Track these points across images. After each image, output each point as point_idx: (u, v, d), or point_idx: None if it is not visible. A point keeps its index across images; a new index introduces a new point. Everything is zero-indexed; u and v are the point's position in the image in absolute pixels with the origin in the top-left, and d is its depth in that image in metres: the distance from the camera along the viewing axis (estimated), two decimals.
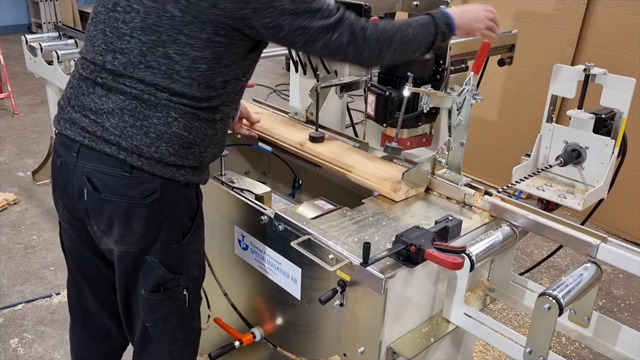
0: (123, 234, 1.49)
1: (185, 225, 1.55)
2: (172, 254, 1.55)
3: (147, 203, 1.45)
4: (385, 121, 1.76)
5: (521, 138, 4.05)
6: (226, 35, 1.38)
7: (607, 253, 1.40)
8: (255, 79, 2.63)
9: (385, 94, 1.72)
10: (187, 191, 1.53)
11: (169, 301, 1.61)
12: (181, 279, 1.60)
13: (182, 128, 1.43)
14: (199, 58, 1.38)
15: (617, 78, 1.62)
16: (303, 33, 1.42)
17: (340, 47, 1.46)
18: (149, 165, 1.42)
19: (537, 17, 3.89)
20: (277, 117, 2.26)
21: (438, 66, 1.78)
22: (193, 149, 1.47)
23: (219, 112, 1.49)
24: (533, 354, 1.33)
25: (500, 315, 2.87)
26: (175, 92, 1.40)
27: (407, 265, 1.37)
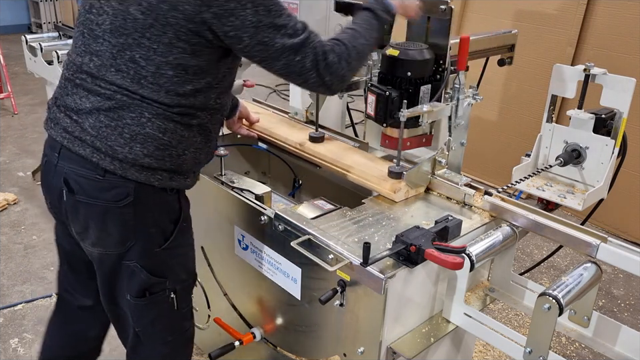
0: (100, 236, 1.49)
1: (165, 229, 1.53)
2: (154, 258, 1.53)
3: (121, 206, 1.44)
4: (385, 121, 1.76)
5: (520, 138, 4.05)
6: (189, 41, 1.35)
7: (607, 253, 1.40)
8: (255, 79, 2.63)
9: (384, 94, 1.72)
10: (165, 196, 1.50)
11: (156, 305, 1.59)
12: (167, 282, 1.58)
13: (156, 129, 1.41)
14: (163, 63, 1.36)
15: (617, 78, 1.62)
16: (264, 49, 1.38)
17: (302, 70, 1.43)
18: (121, 169, 1.41)
19: (537, 17, 3.89)
20: (276, 117, 2.26)
21: (438, 66, 1.78)
22: (169, 151, 1.44)
23: (195, 117, 1.46)
24: (533, 354, 1.33)
25: (500, 314, 2.87)
26: (145, 97, 1.39)
27: (407, 265, 1.37)
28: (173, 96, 1.39)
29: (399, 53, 1.72)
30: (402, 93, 1.72)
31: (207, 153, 1.58)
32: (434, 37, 1.78)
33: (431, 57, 1.75)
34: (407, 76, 1.72)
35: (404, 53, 1.72)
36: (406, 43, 1.78)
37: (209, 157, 1.60)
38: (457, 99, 1.67)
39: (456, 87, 1.67)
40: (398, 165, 1.73)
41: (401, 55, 1.72)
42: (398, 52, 1.72)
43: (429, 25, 1.79)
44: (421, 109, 1.65)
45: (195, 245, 2.04)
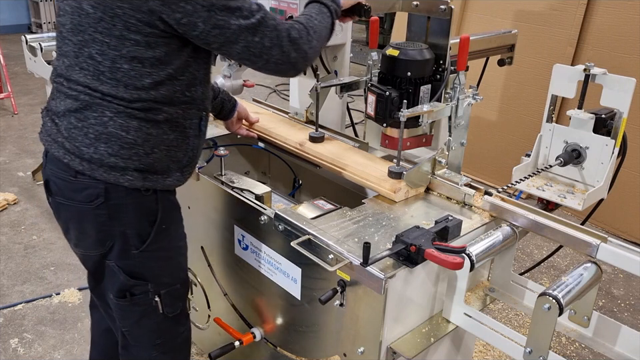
0: (79, 237, 1.52)
1: (142, 232, 1.51)
2: (132, 260, 1.52)
3: (93, 207, 1.44)
4: (385, 121, 1.76)
5: (521, 138, 4.05)
6: (140, 32, 1.33)
7: (607, 252, 1.40)
8: (255, 79, 2.63)
9: (385, 94, 1.72)
10: (139, 197, 1.47)
11: (138, 307, 1.59)
12: (149, 285, 1.56)
13: (118, 127, 1.39)
14: (118, 57, 1.35)
15: (617, 78, 1.62)
16: (220, 32, 1.35)
17: (262, 51, 1.40)
18: (90, 170, 1.41)
19: (537, 17, 3.89)
20: (277, 117, 2.26)
21: (438, 66, 1.78)
22: (135, 150, 1.42)
23: (161, 113, 1.43)
24: (533, 354, 1.33)
25: (500, 314, 2.87)
26: (104, 93, 1.38)
27: (407, 265, 1.37)
28: (132, 90, 1.38)
29: (398, 53, 1.72)
30: (402, 93, 1.73)
31: (187, 151, 1.54)
32: (434, 37, 1.78)
33: (430, 57, 1.75)
34: (406, 76, 1.72)
35: (404, 52, 1.72)
36: (406, 43, 1.78)
37: (191, 155, 1.55)
38: (457, 99, 1.67)
39: (456, 86, 1.67)
40: (398, 165, 1.73)
41: (400, 54, 1.72)
42: (398, 52, 1.73)
43: (428, 25, 1.79)
44: (421, 109, 1.65)
45: (195, 245, 2.05)
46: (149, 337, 1.66)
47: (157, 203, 1.51)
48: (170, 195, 1.57)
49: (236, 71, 2.65)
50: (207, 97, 1.55)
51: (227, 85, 2.66)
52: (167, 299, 1.62)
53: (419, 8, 1.77)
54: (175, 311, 1.66)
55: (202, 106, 1.54)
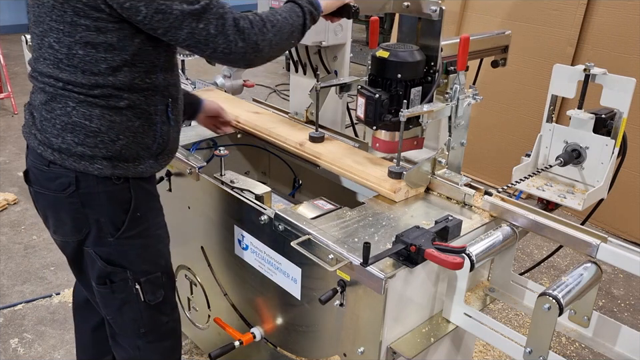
0: (57, 225, 1.57)
1: (116, 219, 1.54)
2: (108, 247, 1.56)
3: (66, 196, 1.49)
4: (375, 124, 1.73)
5: (520, 138, 4.05)
6: (89, 17, 1.35)
7: (607, 252, 1.40)
8: (255, 79, 2.63)
9: (374, 96, 1.69)
10: (110, 185, 1.50)
11: (119, 294, 1.62)
12: (128, 272, 1.60)
13: (81, 116, 1.43)
14: (72, 43, 1.38)
15: (617, 78, 1.62)
16: (163, 18, 1.34)
17: (207, 38, 1.38)
18: (60, 159, 1.46)
19: (537, 17, 3.89)
20: (277, 117, 2.26)
21: (429, 67, 1.75)
22: (100, 138, 1.45)
23: (122, 99, 1.44)
24: (533, 354, 1.33)
25: (500, 314, 2.87)
26: (64, 80, 1.42)
27: (407, 265, 1.37)
28: (90, 76, 1.40)
29: (389, 55, 1.70)
30: (392, 95, 1.70)
31: (156, 137, 1.55)
32: (425, 38, 1.76)
33: (421, 59, 1.73)
34: (397, 78, 1.69)
35: (394, 54, 1.69)
36: (396, 44, 1.76)
37: (160, 142, 1.56)
38: (457, 99, 1.67)
39: (456, 86, 1.67)
40: (398, 165, 1.73)
41: (390, 56, 1.69)
42: (388, 53, 1.70)
43: (419, 26, 1.76)
44: (420, 109, 1.64)
45: (195, 245, 2.05)
46: (133, 325, 1.69)
47: (130, 191, 1.54)
48: (145, 183, 1.59)
49: (236, 71, 2.66)
50: (172, 83, 1.56)
51: (226, 84, 2.66)
52: (148, 287, 1.65)
53: (409, 9, 1.74)
54: (156, 299, 1.68)
55: (166, 92, 1.54)
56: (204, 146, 2.16)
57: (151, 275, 1.65)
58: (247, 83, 2.70)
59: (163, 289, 1.69)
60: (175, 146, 1.65)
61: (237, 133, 2.23)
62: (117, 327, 1.71)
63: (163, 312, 1.73)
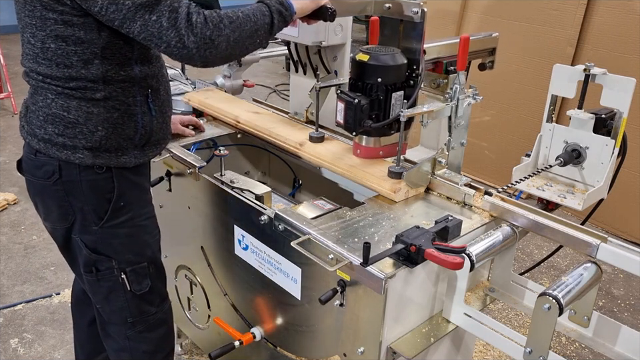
0: (46, 212, 1.62)
1: (98, 208, 1.57)
2: (93, 235, 1.60)
3: (51, 184, 1.54)
4: (355, 130, 1.69)
5: (521, 138, 4.05)
6: (55, 10, 1.39)
7: (607, 252, 1.40)
8: (255, 79, 2.63)
9: (354, 101, 1.64)
10: (92, 174, 1.54)
11: (105, 282, 1.66)
12: (113, 261, 1.63)
13: (59, 108, 1.48)
14: (45, 37, 1.42)
15: (617, 78, 1.62)
16: (117, 9, 1.35)
17: (160, 31, 1.37)
18: (45, 148, 1.52)
19: (537, 17, 3.90)
20: (276, 117, 2.26)
21: (411, 71, 1.70)
22: (79, 129, 1.49)
23: (97, 91, 1.47)
24: (533, 354, 1.33)
25: (500, 314, 2.87)
26: (43, 74, 1.46)
27: (407, 265, 1.37)
28: (63, 69, 1.44)
29: (368, 58, 1.65)
30: (372, 100, 1.66)
31: (138, 129, 1.57)
32: (407, 41, 1.72)
33: (402, 62, 1.68)
34: (377, 82, 1.65)
35: (374, 57, 1.65)
36: (377, 47, 1.71)
37: (143, 132, 1.58)
38: (457, 99, 1.67)
39: (456, 86, 1.67)
40: (398, 165, 1.73)
41: (371, 59, 1.65)
42: (368, 57, 1.66)
43: (401, 28, 1.72)
44: (420, 109, 1.64)
45: (195, 245, 2.06)
46: (120, 314, 1.72)
47: (113, 181, 1.57)
48: (129, 173, 1.61)
49: (236, 71, 2.66)
50: (151, 75, 1.57)
51: (227, 84, 2.66)
52: (133, 277, 1.68)
53: (390, 11, 1.71)
54: (142, 289, 1.71)
55: (144, 84, 1.56)
56: (204, 146, 2.16)
57: (137, 265, 1.68)
58: (246, 83, 2.70)
59: (149, 279, 1.72)
60: (162, 136, 1.67)
61: (237, 132, 2.23)
62: (105, 316, 1.75)
63: (150, 302, 1.75)
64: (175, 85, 2.76)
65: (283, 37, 2.05)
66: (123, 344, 1.77)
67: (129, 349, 1.77)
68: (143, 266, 1.70)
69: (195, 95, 2.42)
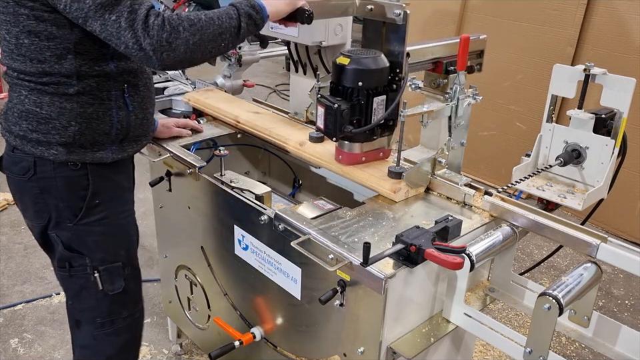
0: (23, 208, 1.65)
1: (73, 205, 1.58)
2: (68, 232, 1.61)
3: (27, 179, 1.56)
4: (335, 135, 1.64)
5: (521, 138, 4.05)
6: (26, 6, 1.40)
7: (607, 252, 1.40)
8: (255, 79, 2.63)
9: (333, 106, 1.59)
10: (66, 171, 1.55)
11: (77, 280, 1.67)
12: (86, 259, 1.64)
13: (32, 104, 1.50)
14: (18, 33, 1.44)
15: (617, 78, 1.62)
16: (79, 7, 1.36)
17: (118, 31, 1.36)
18: (21, 145, 1.54)
19: (537, 17, 3.90)
20: (277, 117, 2.26)
21: (394, 75, 1.65)
22: (52, 124, 1.50)
23: (70, 86, 1.49)
24: (533, 354, 1.33)
25: (500, 314, 2.87)
26: (17, 70, 1.48)
27: (407, 265, 1.37)
28: (37, 64, 1.46)
29: (349, 61, 1.61)
30: (353, 105, 1.62)
31: (114, 123, 1.57)
32: (389, 43, 1.67)
33: (384, 66, 1.63)
34: (358, 86, 1.60)
35: (355, 61, 1.60)
36: (359, 50, 1.67)
37: (119, 127, 1.58)
38: (457, 99, 1.67)
39: (456, 86, 1.67)
40: (398, 165, 1.73)
41: (351, 63, 1.60)
42: (349, 60, 1.61)
43: (384, 30, 1.68)
44: (420, 109, 1.64)
45: (195, 245, 2.05)
46: (90, 313, 1.72)
47: (88, 178, 1.58)
48: (106, 171, 1.61)
49: (236, 71, 2.66)
50: (128, 70, 1.57)
51: (227, 84, 2.66)
52: (106, 276, 1.68)
53: (373, 13, 1.66)
54: (115, 289, 1.71)
55: (121, 79, 1.56)
56: (204, 146, 2.16)
57: (110, 264, 1.67)
58: (247, 83, 2.70)
59: (124, 280, 1.71)
60: (141, 132, 1.66)
61: (236, 132, 2.23)
62: (75, 313, 1.75)
63: (122, 305, 1.75)
64: (174, 85, 2.76)
65: (283, 37, 2.05)
66: (88, 342, 1.76)
67: (93, 348, 1.76)
68: (117, 266, 1.69)
69: (195, 94, 2.42)
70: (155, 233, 2.37)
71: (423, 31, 4.62)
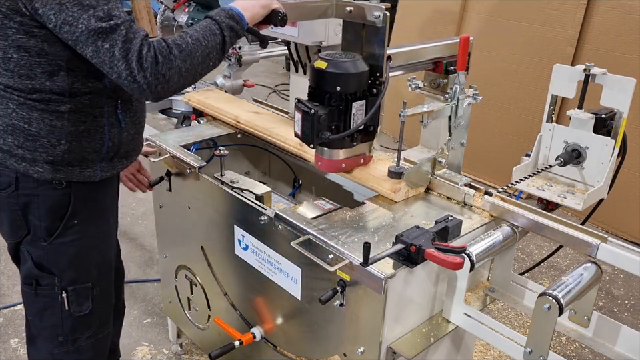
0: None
1: (50, 225, 1.53)
2: (40, 250, 1.55)
3: (6, 195, 1.50)
4: (312, 142, 1.58)
5: (521, 138, 4.05)
6: (14, 20, 1.33)
7: (607, 252, 1.40)
8: (255, 79, 2.63)
9: (310, 112, 1.54)
10: (49, 190, 1.49)
11: (42, 298, 1.61)
12: (55, 279, 1.58)
13: (20, 119, 1.42)
14: (6, 47, 1.37)
15: (617, 78, 1.62)
16: (70, 30, 1.29)
17: (112, 61, 1.30)
18: (3, 159, 1.47)
19: (537, 17, 3.90)
20: (277, 117, 2.26)
21: (374, 79, 1.59)
22: (40, 142, 1.44)
23: (62, 103, 1.42)
24: (533, 354, 1.33)
25: (500, 314, 2.87)
26: (4, 84, 1.41)
27: (407, 265, 1.37)
28: (26, 80, 1.39)
29: (326, 65, 1.55)
30: (332, 110, 1.56)
31: (105, 141, 1.51)
32: (369, 46, 1.61)
33: (363, 70, 1.57)
34: (336, 91, 1.54)
35: (333, 64, 1.54)
36: (337, 54, 1.61)
37: (110, 145, 1.52)
38: (457, 99, 1.67)
39: (456, 86, 1.67)
40: (398, 165, 1.73)
41: (329, 67, 1.54)
42: (326, 64, 1.55)
43: (363, 33, 1.62)
44: (421, 109, 1.64)
45: (195, 245, 2.05)
46: (52, 331, 1.65)
47: (70, 197, 1.53)
48: (90, 190, 1.56)
49: (236, 71, 2.66)
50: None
51: (227, 84, 2.67)
52: (74, 297, 1.62)
53: (352, 14, 1.61)
54: (82, 310, 1.65)
55: (114, 95, 1.50)
56: (204, 146, 2.16)
57: (79, 285, 1.62)
58: (247, 83, 2.71)
59: (91, 301, 1.65)
60: (132, 147, 1.61)
61: (237, 132, 2.23)
62: (35, 330, 1.68)
63: (87, 325, 1.68)
64: None
65: (283, 37, 2.05)
66: (45, 358, 1.70)
67: None
68: (86, 287, 1.63)
69: (195, 95, 2.42)
70: (154, 233, 2.37)
71: (423, 31, 4.62)
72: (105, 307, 1.74)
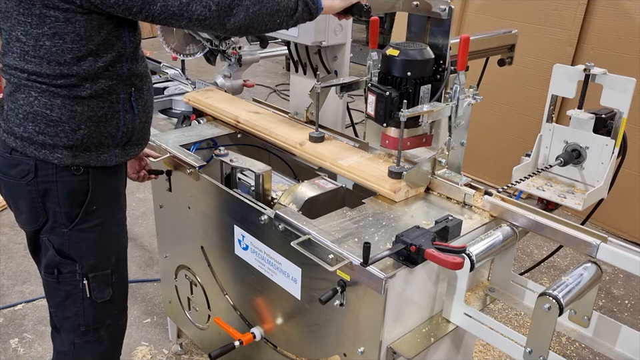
0: (16, 213, 1.62)
1: (70, 211, 1.57)
2: (61, 237, 1.59)
3: (25, 183, 1.53)
4: (385, 121, 1.76)
5: (521, 138, 4.05)
6: (58, 8, 1.39)
7: (607, 252, 1.40)
8: (255, 79, 2.63)
9: (385, 94, 1.72)
10: (68, 176, 1.53)
11: (65, 287, 1.64)
12: (77, 265, 1.62)
13: (42, 106, 1.47)
14: (40, 35, 1.42)
15: (617, 78, 1.62)
16: None
17: (182, 8, 1.41)
18: (22, 147, 1.51)
19: (537, 17, 3.90)
20: (277, 117, 2.26)
21: (438, 66, 1.78)
22: (61, 127, 1.49)
23: (84, 89, 1.48)
24: (533, 354, 1.33)
25: (500, 314, 2.88)
26: (29, 71, 1.45)
27: (407, 265, 1.37)
28: (55, 66, 1.44)
29: (398, 53, 1.72)
30: (402, 93, 1.72)
31: (120, 126, 1.57)
32: (434, 37, 1.78)
33: (430, 57, 1.75)
34: (407, 76, 1.72)
35: (404, 52, 1.72)
36: (406, 43, 1.78)
37: (125, 131, 1.59)
38: (457, 98, 1.67)
39: (456, 86, 1.67)
40: (398, 165, 1.73)
41: (400, 55, 1.72)
42: (398, 52, 1.72)
43: (428, 25, 1.78)
44: (421, 109, 1.65)
45: (195, 245, 2.06)
46: (74, 321, 1.69)
47: (89, 184, 1.57)
48: (106, 176, 1.61)
49: (236, 71, 2.66)
50: (137, 74, 1.59)
51: (226, 84, 2.67)
52: (95, 284, 1.66)
53: (418, 8, 1.77)
54: (103, 297, 1.69)
55: (129, 82, 1.57)
56: (204, 146, 2.17)
57: (100, 272, 1.66)
58: (247, 82, 2.71)
59: (111, 288, 1.69)
60: (142, 136, 1.67)
61: (237, 132, 2.23)
62: (58, 320, 1.72)
63: (107, 313, 1.72)
64: (174, 85, 2.76)
65: (283, 37, 2.05)
66: (67, 349, 1.73)
67: (71, 355, 1.73)
68: (107, 273, 1.67)
69: (195, 94, 2.42)
70: (154, 233, 2.37)
71: None
72: (122, 294, 1.78)
